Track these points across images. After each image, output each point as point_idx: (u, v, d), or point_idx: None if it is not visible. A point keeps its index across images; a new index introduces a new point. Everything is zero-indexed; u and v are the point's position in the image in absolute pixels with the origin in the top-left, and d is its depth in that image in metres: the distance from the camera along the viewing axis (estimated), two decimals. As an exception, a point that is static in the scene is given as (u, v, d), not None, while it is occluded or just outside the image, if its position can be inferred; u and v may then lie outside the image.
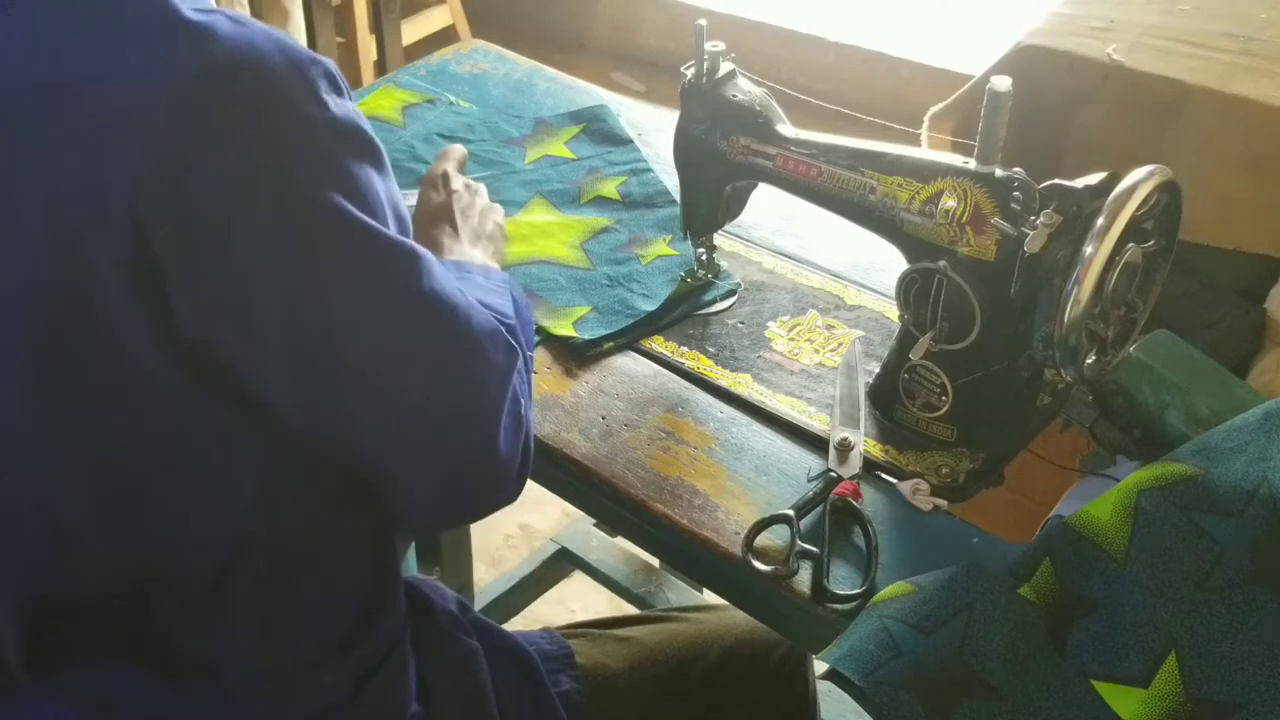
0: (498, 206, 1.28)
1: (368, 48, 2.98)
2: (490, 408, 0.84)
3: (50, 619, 0.81)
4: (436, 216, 1.14)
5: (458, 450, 0.84)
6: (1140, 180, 0.88)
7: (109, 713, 0.84)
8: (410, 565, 1.64)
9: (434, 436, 0.82)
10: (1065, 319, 0.88)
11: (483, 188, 1.28)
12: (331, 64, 0.76)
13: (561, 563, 1.84)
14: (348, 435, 0.80)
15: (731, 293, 1.21)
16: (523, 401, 0.88)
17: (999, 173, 0.95)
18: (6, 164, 0.70)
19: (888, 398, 1.06)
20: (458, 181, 1.20)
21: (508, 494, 0.89)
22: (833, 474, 0.99)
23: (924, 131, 1.38)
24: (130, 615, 0.82)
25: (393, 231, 0.78)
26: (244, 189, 0.70)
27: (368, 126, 0.77)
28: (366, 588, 0.91)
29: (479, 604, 1.72)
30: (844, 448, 1.01)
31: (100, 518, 0.78)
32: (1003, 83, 0.93)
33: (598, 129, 1.45)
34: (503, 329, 0.87)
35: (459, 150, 1.25)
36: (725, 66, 1.10)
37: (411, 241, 0.80)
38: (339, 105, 0.75)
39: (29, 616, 0.81)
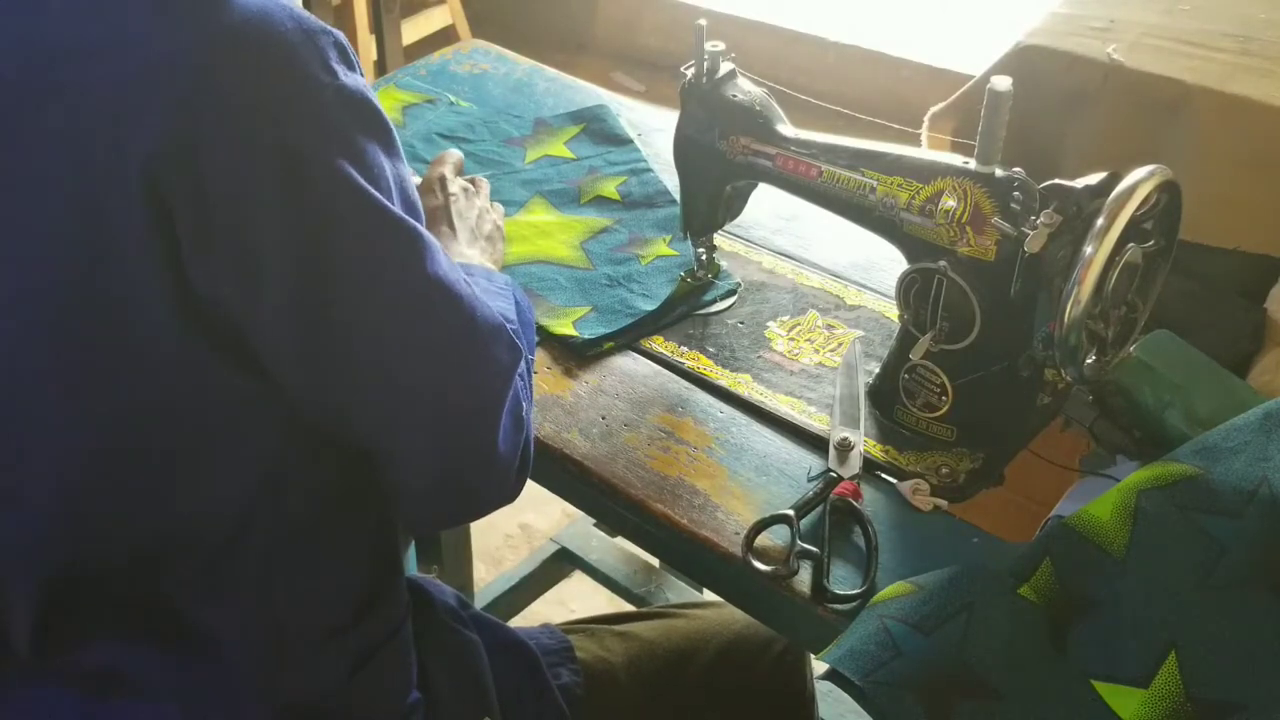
0: (498, 206, 1.29)
1: (368, 48, 2.98)
2: (490, 403, 0.84)
3: (61, 595, 0.81)
4: (433, 219, 1.14)
5: (455, 441, 0.83)
6: (1140, 180, 0.88)
7: (109, 690, 0.84)
8: (409, 565, 1.64)
9: (431, 422, 0.82)
10: (1065, 319, 0.88)
11: (486, 185, 1.28)
12: (342, 36, 0.76)
13: (561, 563, 1.84)
14: (345, 410, 0.80)
15: (731, 293, 1.21)
16: (524, 403, 0.88)
17: (999, 173, 0.94)
18: (25, 131, 0.71)
19: (888, 398, 1.06)
20: (455, 185, 1.20)
21: (506, 494, 0.89)
22: (833, 474, 0.99)
23: (924, 131, 1.39)
24: (135, 590, 0.82)
25: (398, 209, 0.78)
26: (252, 153, 0.71)
27: (378, 104, 0.78)
28: (369, 575, 0.91)
29: (479, 603, 1.72)
30: (844, 448, 1.01)
31: (114, 492, 0.78)
32: (1003, 83, 0.93)
33: (598, 129, 1.45)
34: (507, 327, 0.87)
35: (455, 155, 1.26)
36: (725, 66, 1.10)
37: (419, 225, 0.80)
38: (349, 76, 0.75)
39: (42, 593, 0.81)
